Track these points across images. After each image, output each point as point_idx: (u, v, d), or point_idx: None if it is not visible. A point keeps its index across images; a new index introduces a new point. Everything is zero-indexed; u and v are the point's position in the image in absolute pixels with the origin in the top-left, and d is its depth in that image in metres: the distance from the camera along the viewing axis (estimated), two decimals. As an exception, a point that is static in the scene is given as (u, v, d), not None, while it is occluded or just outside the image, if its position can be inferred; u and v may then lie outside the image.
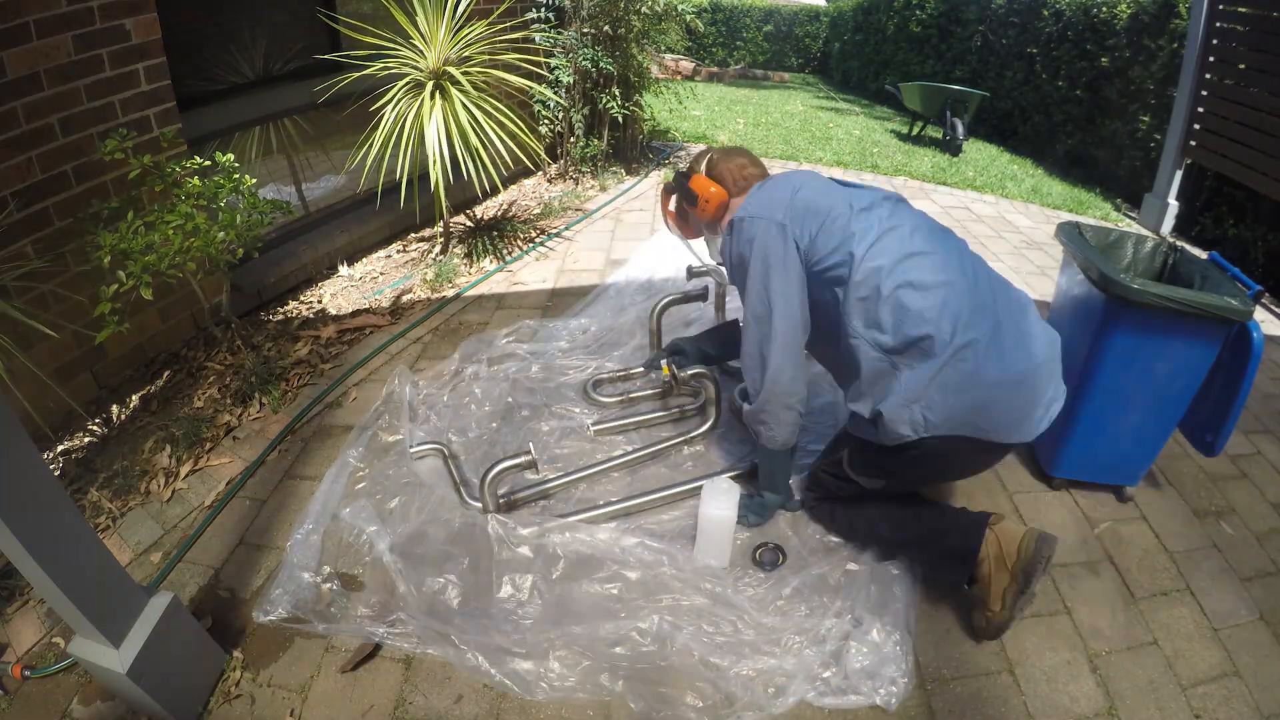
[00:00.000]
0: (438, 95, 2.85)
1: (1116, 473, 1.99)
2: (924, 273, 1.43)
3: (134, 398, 2.29)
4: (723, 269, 2.42)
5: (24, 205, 1.96)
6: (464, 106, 2.85)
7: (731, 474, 1.91)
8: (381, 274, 3.19)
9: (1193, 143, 4.23)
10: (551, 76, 4.02)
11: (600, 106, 4.25)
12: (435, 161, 2.77)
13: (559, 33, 3.99)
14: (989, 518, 1.55)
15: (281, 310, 2.84)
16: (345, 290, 3.03)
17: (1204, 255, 1.93)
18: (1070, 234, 1.91)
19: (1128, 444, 1.90)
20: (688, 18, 4.49)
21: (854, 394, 1.54)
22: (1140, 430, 1.87)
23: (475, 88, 2.94)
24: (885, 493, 1.66)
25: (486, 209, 3.84)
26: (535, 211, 3.89)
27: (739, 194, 1.74)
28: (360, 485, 1.92)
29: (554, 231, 3.66)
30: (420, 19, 2.86)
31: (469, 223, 3.56)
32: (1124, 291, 1.63)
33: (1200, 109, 4.17)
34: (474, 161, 2.84)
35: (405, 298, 2.95)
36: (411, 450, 1.97)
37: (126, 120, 2.20)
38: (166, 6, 2.28)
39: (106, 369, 2.30)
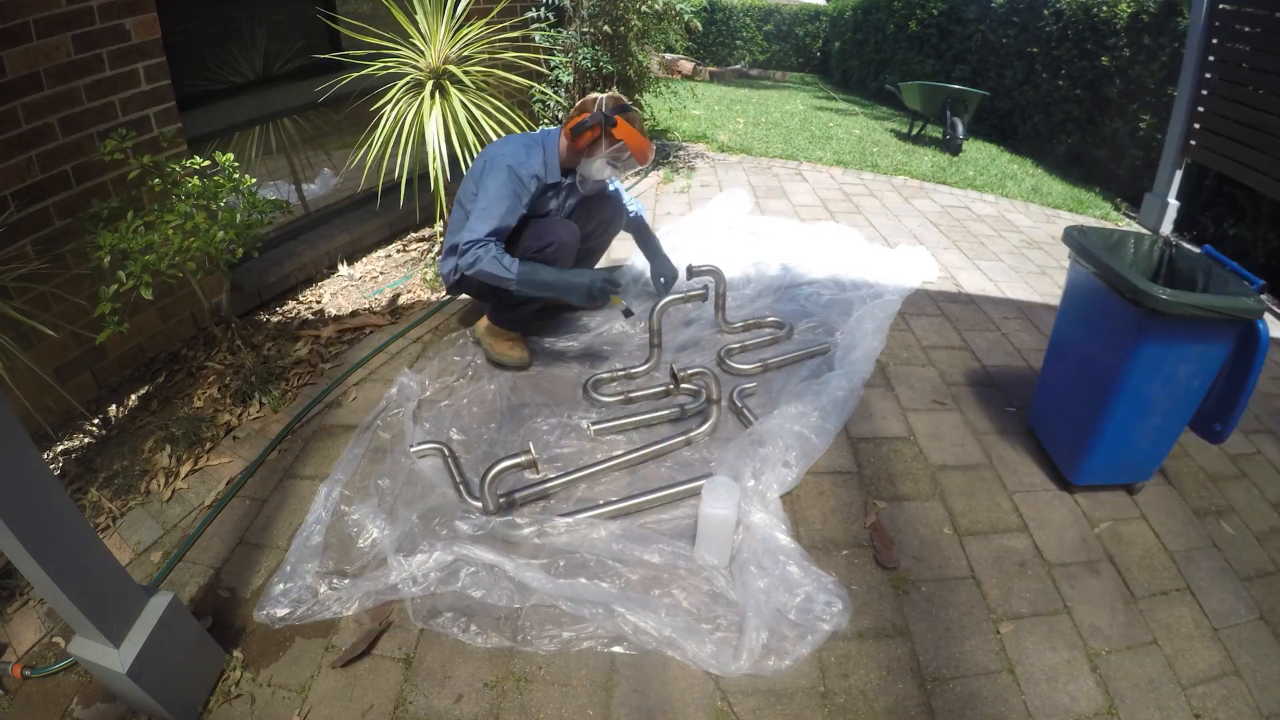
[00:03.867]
0: (437, 94, 2.85)
1: (1134, 473, 2.01)
2: None
3: (134, 397, 2.29)
4: (720, 269, 2.53)
5: (24, 205, 1.96)
6: (463, 106, 2.85)
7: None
8: (381, 274, 3.19)
9: (1193, 142, 4.23)
10: (551, 76, 4.02)
11: (600, 106, 4.25)
12: (435, 160, 2.77)
13: (558, 32, 3.99)
14: None
15: (281, 310, 2.84)
16: (345, 290, 3.03)
17: (1197, 250, 1.94)
18: (1090, 244, 1.89)
19: (1147, 445, 1.92)
20: (687, 17, 4.49)
21: None
22: (1159, 430, 1.88)
23: (475, 87, 2.94)
24: None
25: (486, 208, 3.83)
26: (535, 211, 3.88)
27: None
28: (362, 484, 1.92)
29: (554, 231, 3.65)
30: (420, 18, 2.86)
31: (469, 222, 3.55)
32: (1157, 304, 1.63)
33: (1200, 109, 4.17)
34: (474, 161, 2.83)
35: (405, 297, 2.95)
36: (412, 449, 1.98)
37: (126, 120, 2.20)
38: (166, 6, 2.28)
39: (106, 369, 2.30)
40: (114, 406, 2.25)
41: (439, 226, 3.28)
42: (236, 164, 2.16)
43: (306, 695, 1.44)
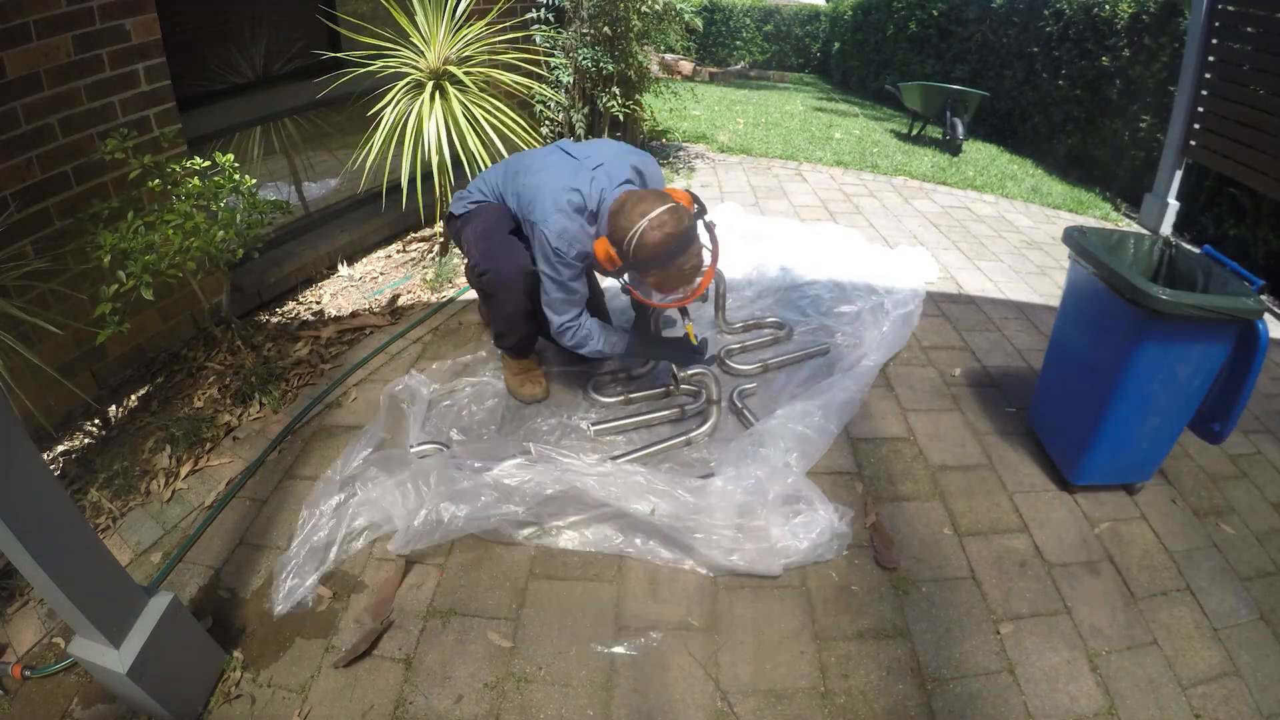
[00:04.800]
0: (437, 95, 2.85)
1: (1134, 473, 2.01)
2: None
3: (134, 398, 2.29)
4: (720, 269, 2.52)
5: (24, 205, 1.96)
6: (464, 106, 2.85)
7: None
8: (381, 274, 3.19)
9: (1193, 142, 4.23)
10: (552, 76, 4.02)
11: (600, 106, 4.25)
12: (435, 161, 2.78)
13: (559, 32, 3.99)
14: None
15: (281, 310, 2.84)
16: (345, 290, 3.03)
17: (1197, 250, 1.94)
18: (1089, 244, 1.89)
19: (1147, 445, 1.92)
20: (687, 17, 4.49)
21: None
22: (1159, 430, 1.88)
23: (476, 87, 2.94)
24: None
25: (486, 209, 3.83)
26: (535, 211, 3.88)
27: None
28: (363, 484, 1.91)
29: (554, 231, 3.65)
30: (420, 19, 2.86)
31: (469, 223, 3.55)
32: (1157, 304, 1.63)
33: (1200, 109, 4.17)
34: (474, 161, 2.84)
35: (405, 298, 2.95)
36: (413, 449, 1.98)
37: (126, 120, 2.20)
38: (166, 6, 2.28)
39: (107, 369, 2.30)
40: (114, 407, 2.25)
41: (439, 227, 3.29)
42: (236, 164, 2.16)
43: (306, 695, 1.44)
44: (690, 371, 2.11)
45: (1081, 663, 1.55)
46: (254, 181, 2.23)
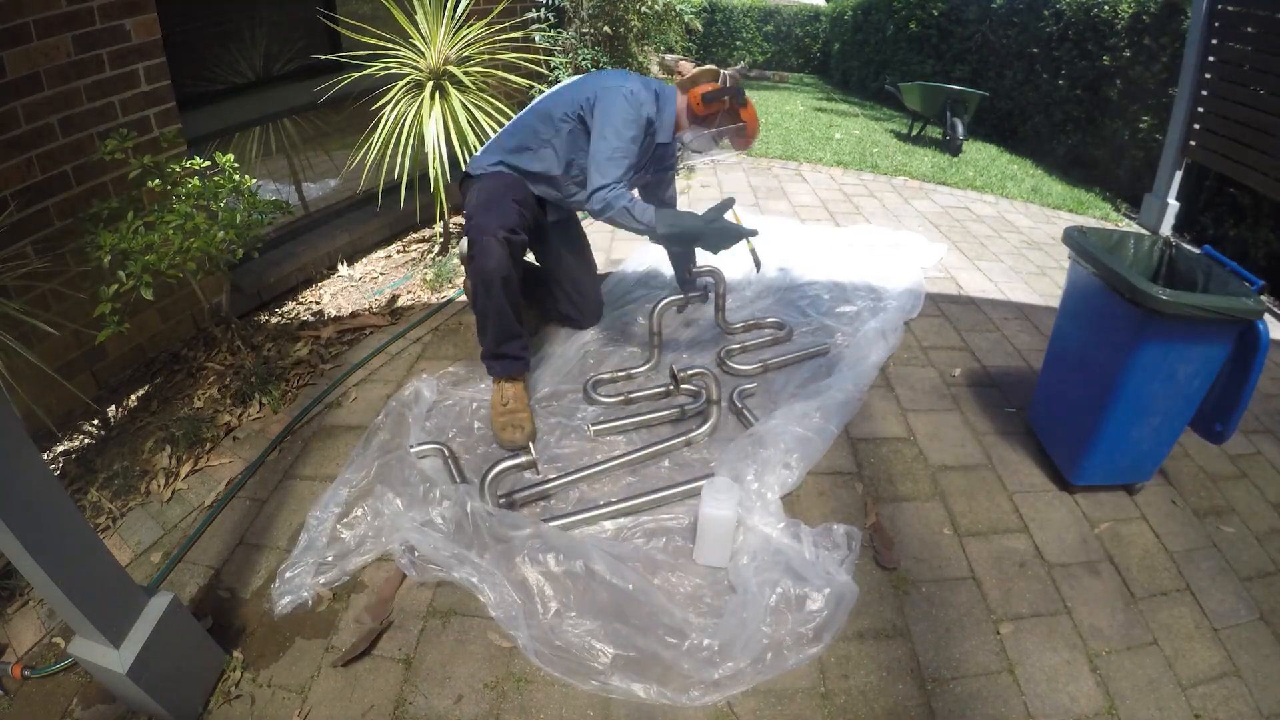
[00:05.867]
0: (437, 95, 2.85)
1: (1135, 473, 2.00)
2: None
3: (134, 398, 2.29)
4: (720, 268, 2.50)
5: (24, 205, 1.96)
6: (463, 106, 2.85)
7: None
8: (381, 274, 3.19)
9: (1193, 143, 4.23)
10: (551, 76, 4.02)
11: (600, 106, 4.25)
12: (435, 161, 2.78)
13: (558, 33, 4.00)
14: None
15: (281, 311, 2.84)
16: (345, 290, 3.03)
17: (1197, 250, 1.94)
18: (1089, 244, 1.89)
19: (1147, 445, 1.92)
20: (687, 18, 4.49)
21: None
22: (1159, 431, 1.88)
23: (475, 87, 2.94)
24: None
25: (486, 209, 3.83)
26: (535, 211, 3.88)
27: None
28: (362, 485, 1.91)
29: (554, 231, 3.65)
30: (420, 19, 2.86)
31: (469, 223, 3.56)
32: (1157, 304, 1.63)
33: (1200, 109, 4.17)
34: (474, 161, 2.84)
35: (405, 298, 2.95)
36: (413, 450, 1.98)
37: (126, 120, 2.21)
38: (166, 6, 2.28)
39: (106, 369, 2.30)
40: (114, 407, 2.25)
41: (439, 227, 3.29)
42: (236, 165, 2.17)
43: (306, 695, 1.44)
44: (690, 371, 2.11)
45: (1081, 663, 1.55)
46: (254, 181, 2.23)
